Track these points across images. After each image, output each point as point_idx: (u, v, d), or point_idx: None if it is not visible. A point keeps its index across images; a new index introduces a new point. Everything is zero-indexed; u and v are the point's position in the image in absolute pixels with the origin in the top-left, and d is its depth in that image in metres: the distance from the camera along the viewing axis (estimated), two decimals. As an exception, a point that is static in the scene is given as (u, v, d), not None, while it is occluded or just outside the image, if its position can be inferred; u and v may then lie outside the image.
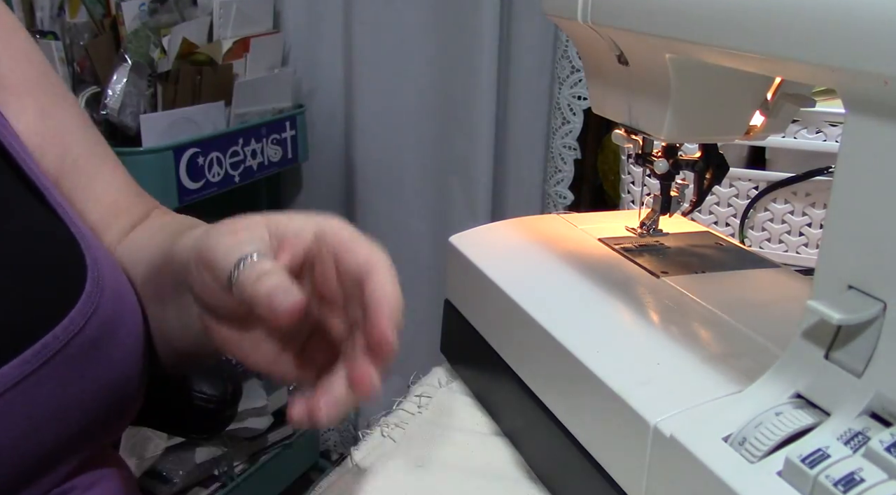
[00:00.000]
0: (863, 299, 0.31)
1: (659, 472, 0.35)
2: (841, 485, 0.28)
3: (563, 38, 1.36)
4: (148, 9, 1.26)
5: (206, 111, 1.30)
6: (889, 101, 0.29)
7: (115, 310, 0.45)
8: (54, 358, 0.41)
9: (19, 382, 0.39)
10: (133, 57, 1.20)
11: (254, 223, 0.42)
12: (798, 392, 0.34)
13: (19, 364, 0.39)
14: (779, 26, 0.34)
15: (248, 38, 1.38)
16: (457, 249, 0.61)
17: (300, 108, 1.54)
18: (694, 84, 0.47)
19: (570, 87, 1.38)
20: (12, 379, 0.39)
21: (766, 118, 0.51)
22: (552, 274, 0.54)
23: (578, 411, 0.44)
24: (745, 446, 0.32)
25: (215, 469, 1.47)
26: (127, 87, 1.19)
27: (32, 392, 0.40)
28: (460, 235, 0.63)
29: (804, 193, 0.77)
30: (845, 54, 0.30)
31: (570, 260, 0.56)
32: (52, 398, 0.41)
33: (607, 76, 0.54)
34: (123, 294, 0.47)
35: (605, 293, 0.50)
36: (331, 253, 0.41)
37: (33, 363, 0.40)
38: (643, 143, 0.57)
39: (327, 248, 0.41)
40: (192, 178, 1.28)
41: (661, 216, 0.60)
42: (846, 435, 0.30)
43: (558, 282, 0.53)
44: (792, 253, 0.79)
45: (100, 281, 0.44)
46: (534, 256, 0.58)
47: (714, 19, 0.38)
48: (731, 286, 0.51)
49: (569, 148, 1.42)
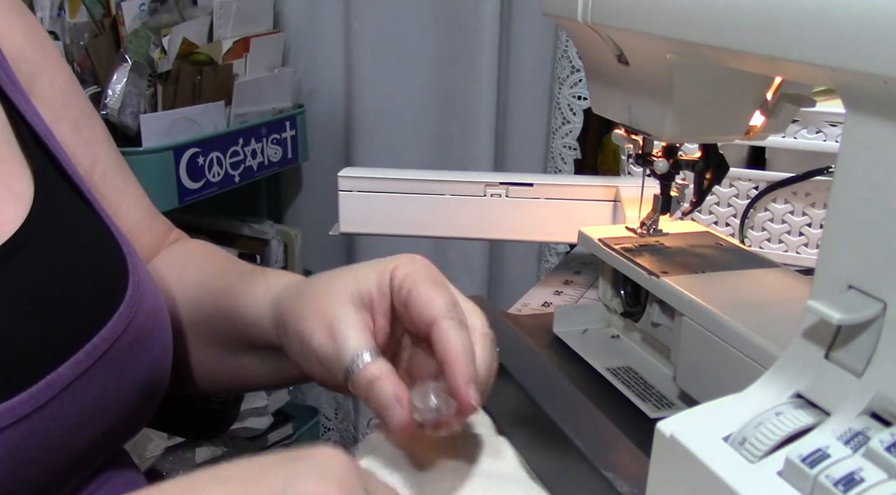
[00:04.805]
0: (863, 299, 0.31)
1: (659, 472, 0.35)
2: (841, 485, 0.28)
3: (563, 38, 1.36)
4: (148, 9, 1.26)
5: (206, 111, 1.30)
6: (889, 100, 0.30)
7: (151, 314, 0.47)
8: (101, 358, 0.42)
9: (71, 383, 0.41)
10: (133, 57, 1.20)
11: (338, 297, 0.44)
12: (798, 392, 0.34)
13: (73, 364, 0.41)
14: (779, 26, 0.34)
15: (248, 38, 1.38)
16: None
17: (300, 108, 1.54)
18: (694, 84, 0.47)
19: (571, 86, 1.38)
20: (67, 379, 0.40)
21: (766, 118, 0.51)
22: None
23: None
24: (746, 446, 0.32)
25: (215, 469, 1.47)
26: (127, 86, 1.19)
27: (81, 392, 0.41)
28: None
29: (804, 193, 0.77)
30: (845, 54, 0.30)
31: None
32: (96, 398, 0.42)
33: (607, 76, 0.54)
34: (157, 301, 0.49)
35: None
36: (402, 300, 0.43)
37: (85, 363, 0.41)
38: (643, 143, 0.57)
39: (399, 300, 0.43)
40: (192, 178, 1.28)
41: (661, 216, 0.60)
42: (846, 434, 0.30)
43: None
44: (792, 253, 0.79)
45: (139, 284, 0.46)
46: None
47: (714, 19, 0.38)
48: (731, 286, 0.51)
49: (569, 148, 1.42)
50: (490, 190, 0.72)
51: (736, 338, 0.44)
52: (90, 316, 0.43)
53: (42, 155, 0.47)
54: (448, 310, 0.42)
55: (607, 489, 0.40)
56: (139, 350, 0.45)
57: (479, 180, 0.72)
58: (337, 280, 0.45)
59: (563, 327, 0.62)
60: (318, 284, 0.45)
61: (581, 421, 0.45)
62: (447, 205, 0.72)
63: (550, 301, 0.75)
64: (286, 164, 1.52)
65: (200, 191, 1.31)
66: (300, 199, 1.70)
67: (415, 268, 0.44)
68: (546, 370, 0.51)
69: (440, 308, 0.41)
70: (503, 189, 0.72)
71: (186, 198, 1.27)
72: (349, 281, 0.45)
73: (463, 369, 0.40)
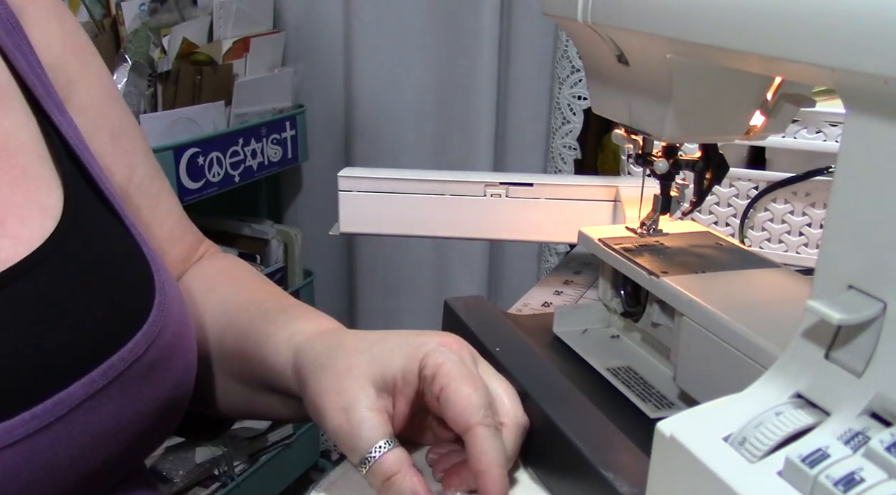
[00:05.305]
0: (863, 299, 0.31)
1: (659, 472, 0.35)
2: (841, 485, 0.28)
3: (563, 38, 1.36)
4: (148, 9, 1.26)
5: (206, 111, 1.30)
6: (889, 101, 0.30)
7: (175, 336, 0.45)
8: (118, 379, 0.41)
9: (83, 402, 0.39)
10: (133, 57, 1.20)
11: (358, 378, 0.44)
12: (798, 392, 0.34)
13: (87, 383, 0.40)
14: (779, 26, 0.34)
15: (248, 38, 1.38)
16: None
17: (300, 107, 1.54)
18: (694, 84, 0.47)
19: (571, 86, 1.38)
20: (77, 399, 0.39)
21: (767, 118, 0.51)
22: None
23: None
24: (746, 446, 0.32)
25: (215, 469, 1.47)
26: (127, 86, 1.19)
27: (94, 411, 0.40)
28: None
29: (804, 193, 0.77)
30: (845, 54, 0.30)
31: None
32: (111, 418, 0.41)
33: (607, 76, 0.54)
34: (184, 322, 0.47)
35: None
36: (434, 394, 0.43)
37: (99, 382, 0.40)
38: (643, 143, 0.57)
39: (431, 393, 0.43)
40: (192, 178, 1.28)
41: (661, 216, 0.60)
42: (846, 434, 0.30)
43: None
44: (792, 253, 0.79)
45: (164, 305, 0.45)
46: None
47: (715, 19, 0.38)
48: (731, 286, 0.51)
49: (569, 148, 1.42)
50: (490, 190, 0.72)
51: (736, 338, 0.44)
52: (109, 335, 0.42)
53: (74, 168, 0.47)
54: (484, 415, 0.42)
55: (607, 489, 0.40)
56: (161, 370, 0.44)
57: (479, 180, 0.72)
58: (360, 357, 0.44)
59: (563, 327, 0.62)
60: (341, 357, 0.45)
61: (581, 421, 0.45)
62: (447, 205, 0.72)
63: (550, 301, 0.75)
64: (286, 164, 1.52)
65: (200, 191, 1.31)
66: (300, 199, 1.70)
67: (448, 358, 0.43)
68: (546, 370, 0.51)
69: (476, 413, 0.42)
70: (503, 189, 0.72)
71: (186, 198, 1.27)
72: (373, 361, 0.44)
73: (498, 484, 0.41)
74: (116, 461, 0.43)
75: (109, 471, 0.43)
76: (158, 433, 0.47)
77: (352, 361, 0.44)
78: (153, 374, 0.43)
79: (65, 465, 0.39)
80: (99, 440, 0.41)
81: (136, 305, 0.44)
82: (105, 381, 0.40)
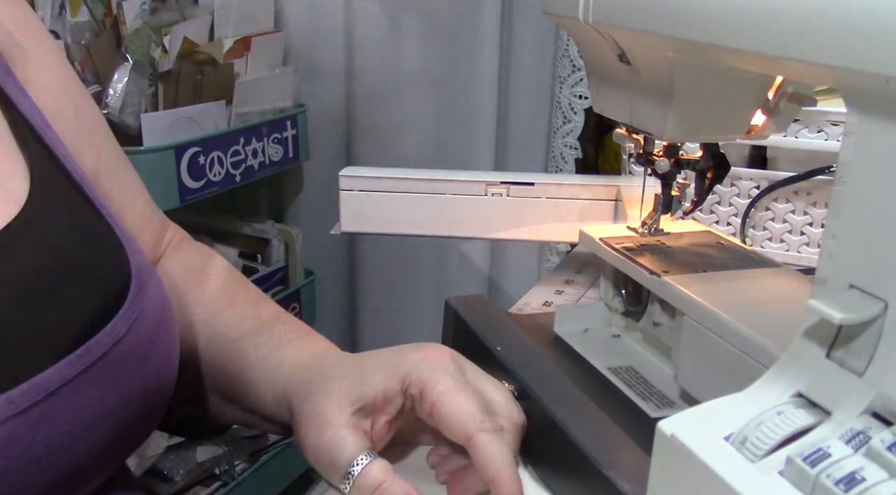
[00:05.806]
0: (864, 298, 0.31)
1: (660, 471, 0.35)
2: (842, 484, 0.28)
3: (564, 37, 1.36)
4: (149, 8, 1.26)
5: (207, 110, 1.30)
6: (890, 100, 0.29)
7: (155, 321, 0.44)
8: (96, 364, 0.40)
9: (61, 387, 0.38)
10: (134, 56, 1.20)
11: (338, 403, 0.44)
12: (799, 391, 0.34)
13: (63, 367, 0.38)
14: (780, 25, 0.34)
15: (249, 38, 1.38)
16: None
17: (301, 107, 1.54)
18: (695, 83, 0.47)
19: (572, 86, 1.38)
20: (54, 384, 0.38)
21: (768, 117, 0.51)
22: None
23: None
24: (747, 445, 0.32)
25: (216, 468, 1.47)
26: (128, 86, 1.19)
27: (72, 398, 0.39)
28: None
29: (805, 192, 0.77)
30: (847, 54, 0.30)
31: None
32: (90, 406, 0.40)
33: (609, 75, 0.54)
34: (163, 307, 0.46)
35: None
36: (426, 411, 0.43)
37: (77, 367, 0.39)
38: (644, 143, 0.57)
39: (423, 411, 0.44)
40: (193, 178, 1.28)
41: (662, 215, 0.60)
42: (847, 434, 0.30)
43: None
44: (793, 252, 0.79)
45: (143, 288, 0.44)
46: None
47: (716, 18, 0.38)
48: (732, 285, 0.51)
49: (570, 147, 1.42)
50: (491, 189, 0.72)
51: (737, 337, 0.44)
52: (84, 319, 0.40)
53: (40, 150, 0.45)
54: (481, 421, 0.42)
55: (608, 488, 0.40)
56: (142, 356, 0.43)
57: (480, 179, 0.72)
58: (341, 383, 0.45)
59: (564, 326, 0.62)
60: (323, 383, 0.46)
61: (582, 420, 0.45)
62: (448, 204, 0.72)
63: (551, 300, 0.75)
64: (287, 164, 1.52)
65: (201, 190, 1.31)
66: (301, 199, 1.70)
67: (431, 373, 0.43)
68: (547, 369, 0.51)
69: (472, 422, 0.41)
70: (504, 188, 0.72)
71: (187, 198, 1.27)
72: (353, 384, 0.45)
73: (511, 485, 0.41)
74: (100, 455, 0.41)
75: (91, 467, 0.42)
76: (141, 425, 0.45)
77: (332, 387, 0.45)
78: (133, 360, 0.42)
79: (43, 455, 0.37)
80: (78, 428, 0.39)
81: (111, 288, 0.42)
82: (83, 366, 0.39)
